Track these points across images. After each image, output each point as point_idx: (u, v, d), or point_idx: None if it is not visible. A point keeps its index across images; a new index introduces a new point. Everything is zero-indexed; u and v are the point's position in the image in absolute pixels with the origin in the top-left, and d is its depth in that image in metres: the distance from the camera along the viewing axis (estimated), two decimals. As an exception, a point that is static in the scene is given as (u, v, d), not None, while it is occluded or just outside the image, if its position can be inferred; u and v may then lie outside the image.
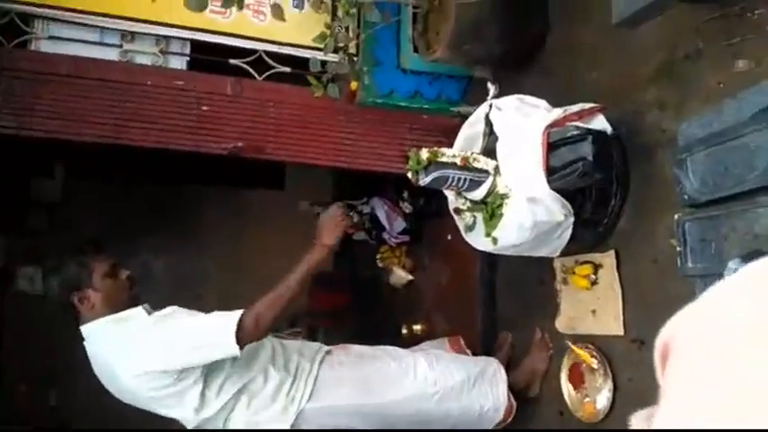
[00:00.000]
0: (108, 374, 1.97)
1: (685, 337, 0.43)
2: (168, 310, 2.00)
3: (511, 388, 2.37)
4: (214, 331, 1.91)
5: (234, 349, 1.89)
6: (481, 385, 2.31)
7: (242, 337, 1.89)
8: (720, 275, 1.49)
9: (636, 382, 2.03)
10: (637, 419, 0.44)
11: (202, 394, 1.95)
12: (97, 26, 2.49)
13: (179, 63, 2.61)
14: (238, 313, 1.92)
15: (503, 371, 2.40)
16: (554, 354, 2.42)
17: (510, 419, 2.38)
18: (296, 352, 2.20)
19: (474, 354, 2.61)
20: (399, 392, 2.22)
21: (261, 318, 1.94)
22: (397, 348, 2.41)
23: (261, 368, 2.09)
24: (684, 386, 0.41)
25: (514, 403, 2.37)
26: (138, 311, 2.01)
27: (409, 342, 3.00)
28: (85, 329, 2.01)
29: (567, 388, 2.29)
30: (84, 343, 2.01)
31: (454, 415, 2.30)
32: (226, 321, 1.91)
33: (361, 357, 2.29)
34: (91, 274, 1.99)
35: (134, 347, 1.92)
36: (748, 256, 1.47)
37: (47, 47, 2.44)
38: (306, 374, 2.14)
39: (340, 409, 2.17)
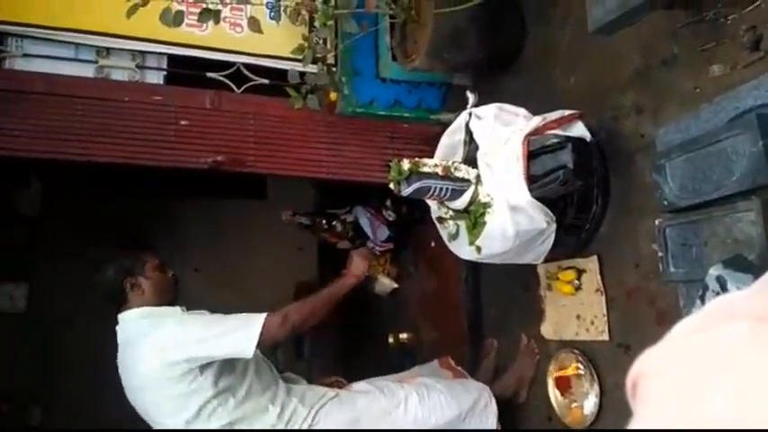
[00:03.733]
0: (131, 360, 2.04)
1: (652, 373, 0.46)
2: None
3: (498, 396, 2.38)
4: (242, 321, 2.04)
5: (251, 344, 1.97)
6: (472, 419, 2.30)
7: (265, 331, 2.00)
8: (702, 280, 1.50)
9: (623, 386, 2.02)
10: None
11: (201, 408, 1.99)
12: (72, 42, 2.46)
13: (156, 77, 2.59)
14: (265, 314, 2.05)
15: (494, 402, 2.37)
16: (540, 359, 2.43)
17: None
18: (297, 397, 2.18)
19: (461, 363, 2.61)
20: (389, 427, 2.21)
21: (288, 317, 2.08)
22: (389, 383, 2.36)
23: (257, 408, 2.09)
24: (646, 415, 0.44)
25: (500, 428, 2.37)
26: (176, 309, 2.14)
27: (396, 351, 3.00)
28: (124, 315, 2.11)
29: (554, 394, 2.30)
30: (117, 328, 2.12)
31: None
32: (254, 315, 2.05)
33: (353, 394, 2.27)
34: (144, 264, 2.15)
35: (164, 332, 2.02)
36: (729, 261, 1.48)
37: (21, 65, 2.41)
38: (300, 421, 2.14)
39: None
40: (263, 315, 2.03)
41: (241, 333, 2.00)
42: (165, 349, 1.97)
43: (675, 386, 0.43)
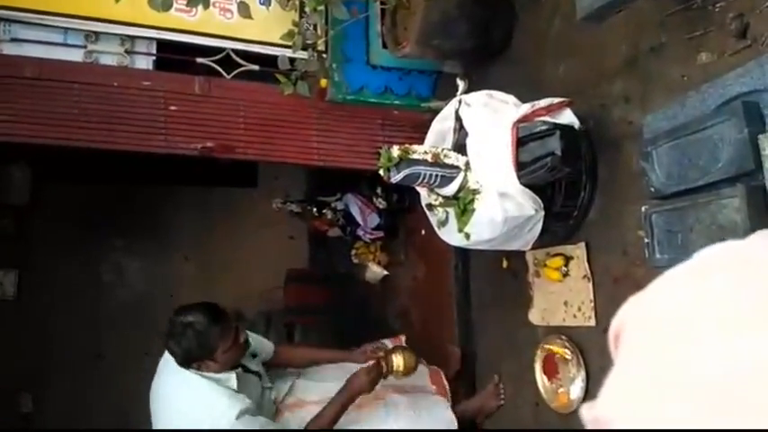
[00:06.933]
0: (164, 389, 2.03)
1: (634, 321, 0.47)
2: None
3: (459, 415, 2.48)
4: None
5: None
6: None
7: None
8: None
9: (608, 370, 2.06)
10: (586, 409, 0.47)
11: None
12: (61, 27, 2.45)
13: (145, 63, 2.57)
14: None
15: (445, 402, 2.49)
16: (504, 404, 2.57)
17: None
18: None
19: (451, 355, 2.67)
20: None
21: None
22: None
23: None
24: (629, 362, 0.45)
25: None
26: (230, 376, 2.03)
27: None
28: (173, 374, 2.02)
29: (541, 379, 2.32)
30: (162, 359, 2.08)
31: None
32: None
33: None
34: (230, 334, 2.00)
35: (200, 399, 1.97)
36: (714, 247, 1.50)
37: (9, 49, 2.39)
38: None
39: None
40: None
41: None
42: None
43: (660, 334, 0.43)
